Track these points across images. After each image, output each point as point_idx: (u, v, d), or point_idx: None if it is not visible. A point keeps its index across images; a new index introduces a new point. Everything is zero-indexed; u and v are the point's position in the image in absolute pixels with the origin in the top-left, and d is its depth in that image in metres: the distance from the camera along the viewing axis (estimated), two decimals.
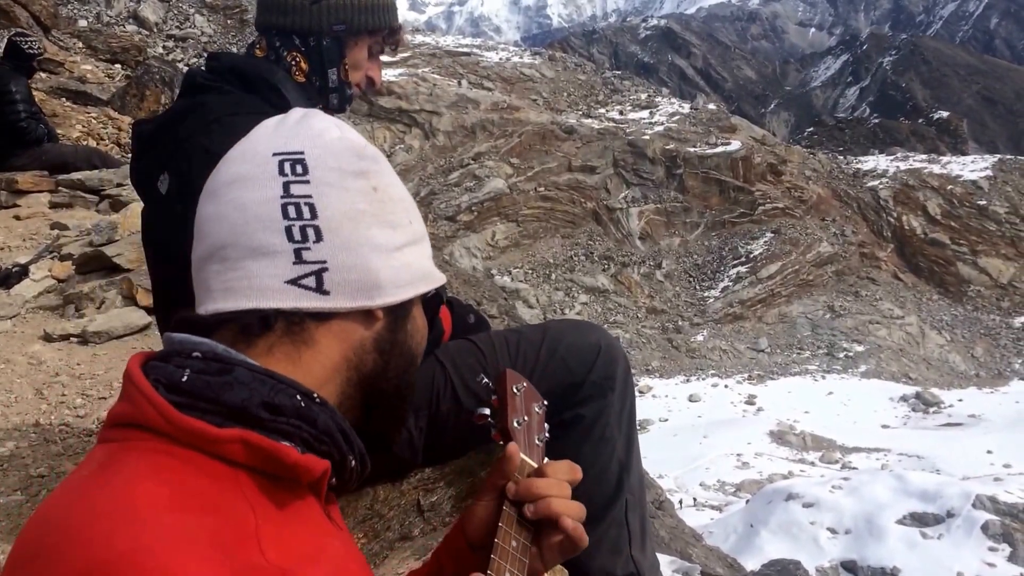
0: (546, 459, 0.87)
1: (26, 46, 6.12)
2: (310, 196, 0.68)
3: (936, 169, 37.97)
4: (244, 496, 0.59)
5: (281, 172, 0.69)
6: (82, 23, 17.66)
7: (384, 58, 1.74)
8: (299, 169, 0.69)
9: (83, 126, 8.06)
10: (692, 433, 21.34)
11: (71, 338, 3.06)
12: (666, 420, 23.60)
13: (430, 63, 37.04)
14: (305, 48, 1.54)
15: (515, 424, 0.86)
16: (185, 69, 6.99)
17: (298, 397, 0.64)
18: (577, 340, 1.57)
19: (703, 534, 6.88)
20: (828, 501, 9.13)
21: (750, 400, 25.83)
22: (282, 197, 0.67)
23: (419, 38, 40.11)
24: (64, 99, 8.89)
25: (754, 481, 16.26)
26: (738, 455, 18.82)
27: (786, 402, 25.09)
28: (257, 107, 1.42)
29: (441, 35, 47.16)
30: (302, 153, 0.70)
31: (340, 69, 1.56)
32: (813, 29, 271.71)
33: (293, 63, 1.55)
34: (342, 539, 0.70)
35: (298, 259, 0.67)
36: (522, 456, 0.83)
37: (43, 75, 9.19)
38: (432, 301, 0.83)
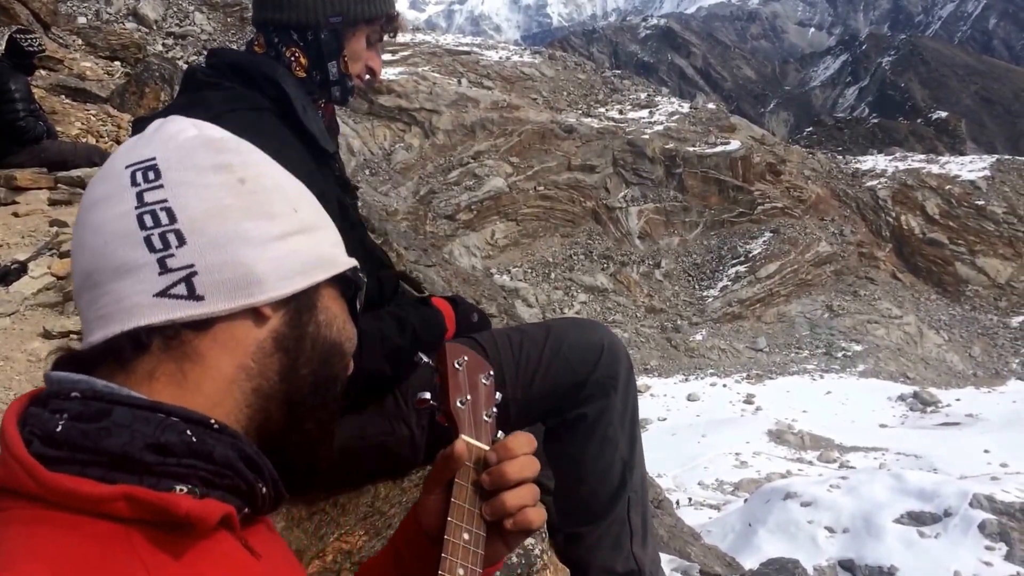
0: (500, 432, 0.80)
1: (26, 43, 6.08)
2: (165, 200, 0.64)
3: (934, 169, 38.03)
4: (137, 556, 0.54)
5: (133, 183, 0.65)
6: (81, 20, 17.66)
7: (384, 56, 1.72)
8: (151, 175, 0.65)
9: (82, 123, 8.03)
10: (691, 432, 21.38)
11: (70, 335, 3.05)
12: (665, 419, 23.63)
13: (430, 62, 37.04)
14: (303, 42, 1.52)
15: (458, 404, 0.79)
16: (185, 66, 6.97)
17: (188, 432, 0.59)
18: (580, 339, 1.57)
19: (701, 533, 6.87)
20: (826, 500, 9.13)
21: (748, 399, 25.85)
22: (136, 208, 0.63)
23: (419, 37, 40.12)
24: (63, 96, 8.87)
25: (752, 480, 16.29)
26: (736, 454, 18.85)
27: (784, 401, 25.13)
28: (257, 103, 1.40)
29: (441, 34, 47.17)
30: (153, 159, 0.66)
31: (340, 61, 1.54)
32: (812, 29, 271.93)
33: (292, 58, 1.53)
34: (263, 569, 0.64)
35: (163, 269, 0.62)
36: (467, 439, 0.77)
37: (42, 72, 9.17)
38: (349, 289, 0.76)
